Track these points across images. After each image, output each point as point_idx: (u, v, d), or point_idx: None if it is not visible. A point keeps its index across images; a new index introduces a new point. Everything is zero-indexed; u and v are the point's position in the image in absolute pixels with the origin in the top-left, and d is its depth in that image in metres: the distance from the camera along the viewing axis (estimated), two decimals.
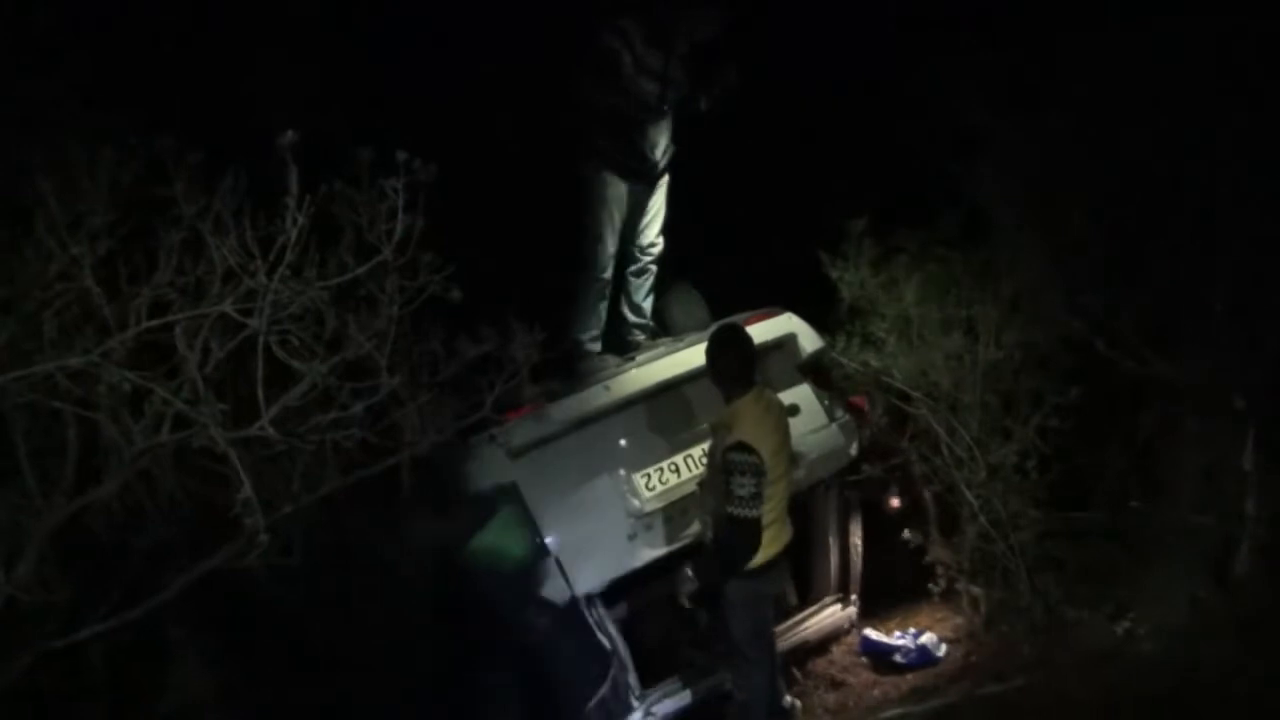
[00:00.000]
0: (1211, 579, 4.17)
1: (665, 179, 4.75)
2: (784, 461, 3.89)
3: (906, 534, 4.84)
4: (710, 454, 3.95)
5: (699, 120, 4.67)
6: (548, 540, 4.14)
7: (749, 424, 3.76)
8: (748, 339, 4.03)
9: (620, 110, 4.46)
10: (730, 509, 3.71)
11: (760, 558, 3.82)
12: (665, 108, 4.53)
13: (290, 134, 2.63)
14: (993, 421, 4.56)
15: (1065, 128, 4.61)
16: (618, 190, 4.61)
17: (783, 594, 4.59)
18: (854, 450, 4.81)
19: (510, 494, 4.14)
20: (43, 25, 3.20)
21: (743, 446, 3.69)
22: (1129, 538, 4.40)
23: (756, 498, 3.69)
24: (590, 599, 4.20)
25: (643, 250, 4.81)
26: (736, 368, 3.90)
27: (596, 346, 4.77)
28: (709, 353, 4.00)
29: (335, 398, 2.91)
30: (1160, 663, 3.96)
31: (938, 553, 4.76)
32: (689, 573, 3.92)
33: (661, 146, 4.65)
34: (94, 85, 3.23)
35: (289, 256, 2.68)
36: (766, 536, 3.81)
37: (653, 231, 4.80)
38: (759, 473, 3.68)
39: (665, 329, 4.99)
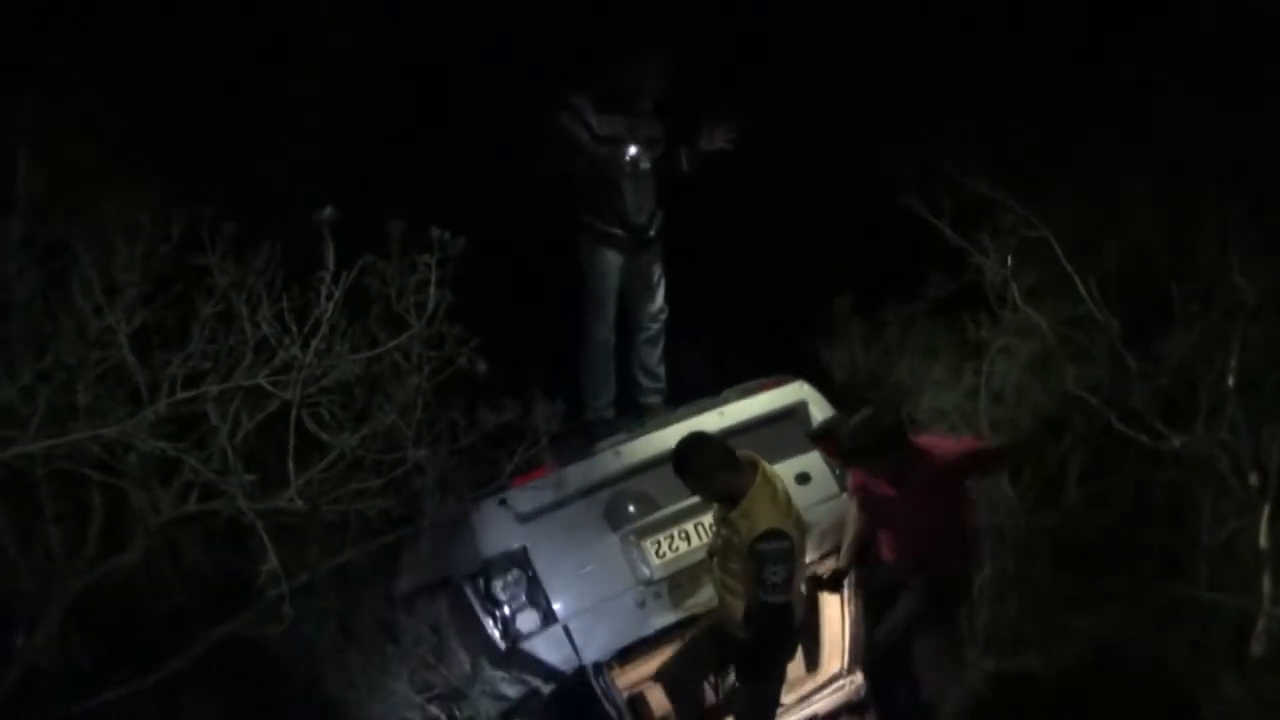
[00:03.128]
0: (1228, 659, 4.25)
1: (658, 245, 4.88)
2: (803, 537, 3.96)
3: None
4: (729, 545, 3.90)
5: (686, 180, 4.76)
6: (556, 607, 4.23)
7: (769, 510, 3.80)
8: (713, 443, 3.97)
9: (592, 181, 4.63)
10: (764, 596, 3.74)
11: None
12: (640, 170, 4.64)
13: (329, 210, 2.78)
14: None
15: (1071, 197, 4.83)
16: (607, 260, 4.77)
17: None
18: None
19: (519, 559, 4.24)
20: (83, 95, 3.36)
21: (774, 534, 3.71)
22: (1143, 612, 4.49)
23: (789, 582, 3.75)
24: (598, 667, 4.27)
25: (650, 317, 4.95)
26: (722, 475, 3.85)
27: (609, 413, 4.90)
28: (686, 480, 3.95)
29: (360, 468, 3.04)
30: None
31: None
32: (733, 679, 3.98)
33: (646, 212, 4.76)
34: (131, 155, 3.39)
35: (323, 330, 2.81)
36: None
37: (656, 297, 4.94)
38: (790, 557, 3.74)
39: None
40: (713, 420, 4.57)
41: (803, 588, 4.04)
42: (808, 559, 4.25)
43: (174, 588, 3.10)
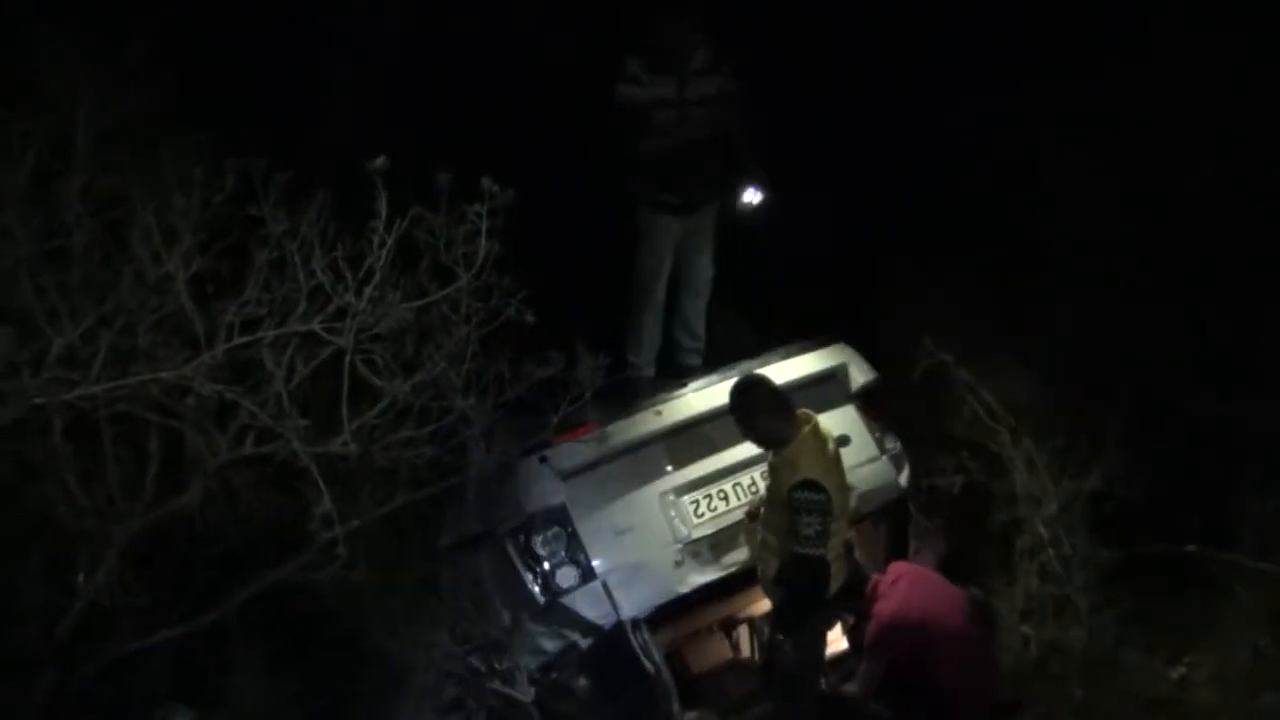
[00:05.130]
0: (1272, 626, 4.26)
1: (713, 207, 4.92)
2: (844, 498, 4.02)
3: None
4: (771, 492, 3.98)
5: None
6: (594, 563, 4.32)
7: (812, 461, 3.85)
8: (765, 386, 4.04)
9: (646, 144, 4.66)
10: (797, 548, 3.79)
11: None
12: (691, 132, 4.65)
13: (382, 158, 2.85)
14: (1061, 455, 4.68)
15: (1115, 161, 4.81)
16: (661, 223, 4.83)
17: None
18: (904, 483, 4.96)
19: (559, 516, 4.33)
20: (137, 49, 3.45)
21: (810, 485, 3.76)
22: (1189, 581, 4.50)
23: (823, 536, 3.79)
24: (636, 624, 4.36)
25: (699, 280, 5.02)
26: (766, 418, 3.91)
27: (650, 372, 4.97)
28: (738, 419, 4.01)
29: (409, 416, 3.13)
30: (1216, 711, 4.06)
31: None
32: (780, 638, 4.02)
33: (700, 175, 4.79)
34: (186, 107, 3.48)
35: (377, 277, 2.89)
36: None
37: (707, 261, 5.00)
38: (826, 511, 3.77)
39: None
40: None
41: (841, 550, 4.08)
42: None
43: (229, 531, 3.20)
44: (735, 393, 4.04)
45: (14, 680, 2.74)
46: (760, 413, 3.94)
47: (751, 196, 4.80)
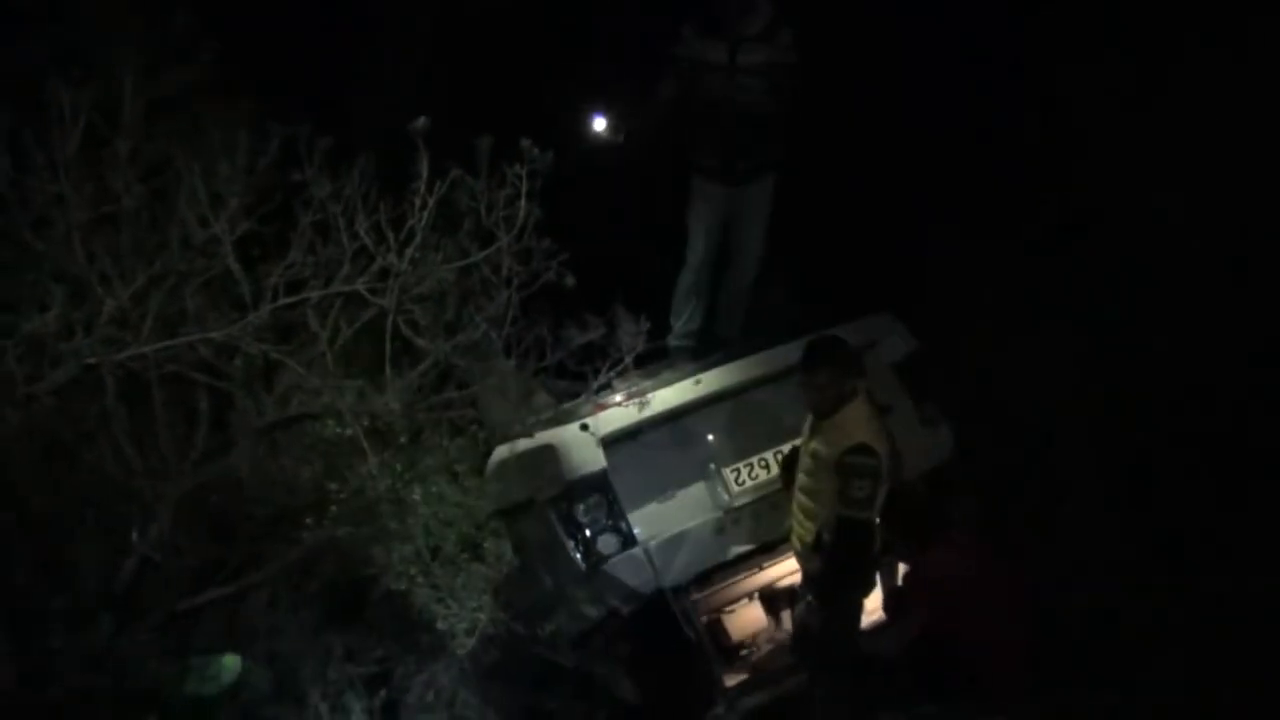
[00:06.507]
0: None
1: (766, 183, 4.87)
2: (894, 466, 3.97)
3: None
4: (815, 456, 3.93)
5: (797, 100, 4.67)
6: (635, 530, 4.35)
7: (865, 427, 3.84)
8: (848, 352, 4.01)
9: (696, 111, 4.63)
10: (844, 511, 3.78)
11: None
12: (739, 101, 4.58)
13: (423, 119, 2.88)
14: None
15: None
16: (708, 192, 4.82)
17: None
18: (946, 452, 4.93)
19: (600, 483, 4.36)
20: (182, 18, 3.51)
21: (864, 449, 3.75)
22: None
23: (872, 500, 3.79)
24: (677, 590, 4.39)
25: (746, 252, 5.00)
26: (844, 382, 3.88)
27: (690, 341, 4.98)
28: (809, 368, 3.95)
29: (449, 380, 3.17)
30: None
31: None
32: (812, 604, 4.03)
33: (751, 145, 4.74)
34: (230, 75, 3.54)
35: (418, 238, 2.93)
36: None
37: (756, 233, 4.96)
38: (877, 475, 3.77)
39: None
40: (796, 351, 4.61)
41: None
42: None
43: (276, 491, 3.27)
44: (815, 346, 3.98)
45: (73, 628, 2.82)
46: (837, 372, 3.88)
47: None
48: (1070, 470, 4.99)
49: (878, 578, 4.29)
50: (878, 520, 3.99)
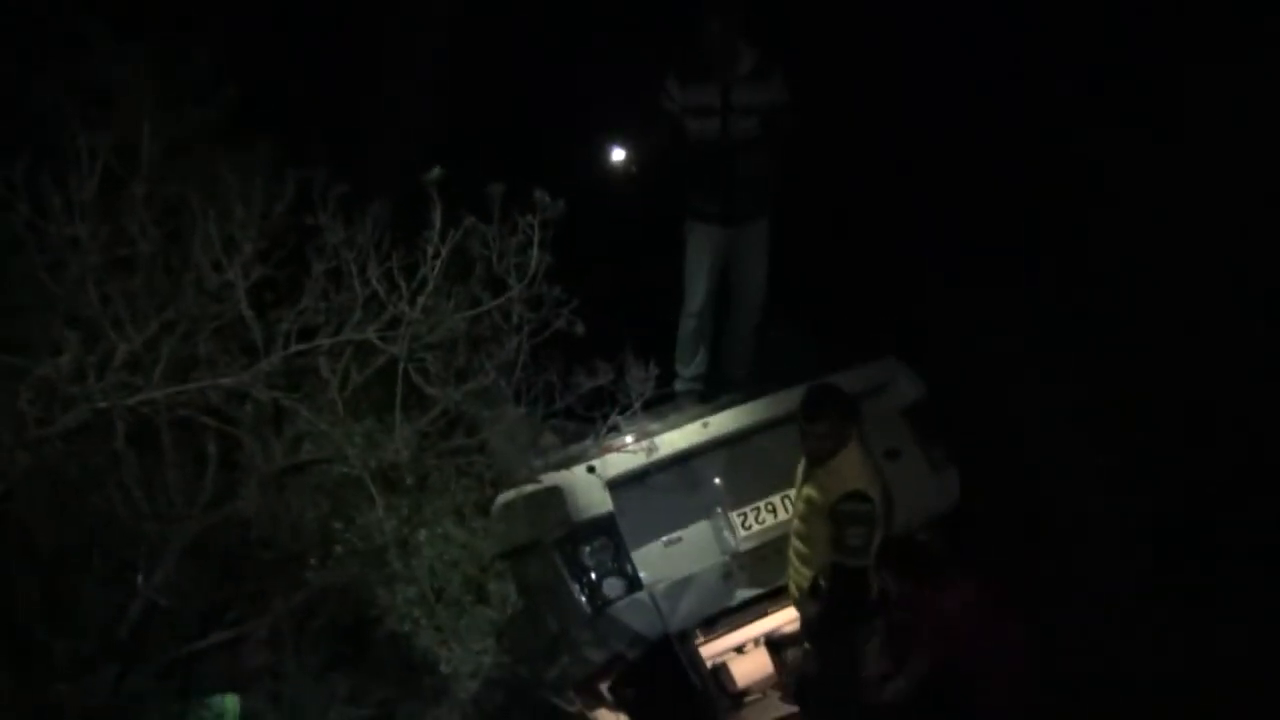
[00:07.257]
0: None
1: (762, 222, 4.87)
2: (888, 510, 3.99)
3: None
4: (810, 503, 3.96)
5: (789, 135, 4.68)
6: (641, 574, 4.34)
7: (860, 471, 3.86)
8: (847, 400, 4.04)
9: (690, 155, 4.64)
10: (841, 559, 3.82)
11: None
12: (733, 141, 4.59)
13: (436, 170, 2.91)
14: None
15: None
16: (704, 234, 4.82)
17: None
18: (954, 496, 4.91)
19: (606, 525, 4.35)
20: (200, 60, 3.56)
21: (859, 496, 3.78)
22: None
23: (867, 547, 3.81)
24: (683, 635, 4.37)
25: (747, 294, 4.99)
26: (840, 431, 3.91)
27: (697, 385, 4.98)
28: (809, 417, 3.97)
29: (458, 425, 3.18)
30: None
31: None
32: (806, 645, 4.04)
33: (747, 187, 4.72)
34: (246, 119, 3.58)
35: (430, 286, 2.95)
36: None
37: (755, 275, 4.96)
38: (872, 522, 3.79)
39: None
40: (800, 395, 4.62)
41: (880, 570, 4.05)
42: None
43: (283, 536, 3.26)
44: (815, 395, 4.01)
45: (78, 674, 2.82)
46: (837, 421, 3.91)
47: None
48: (1081, 509, 4.97)
49: (879, 624, 4.29)
50: (874, 565, 3.99)
